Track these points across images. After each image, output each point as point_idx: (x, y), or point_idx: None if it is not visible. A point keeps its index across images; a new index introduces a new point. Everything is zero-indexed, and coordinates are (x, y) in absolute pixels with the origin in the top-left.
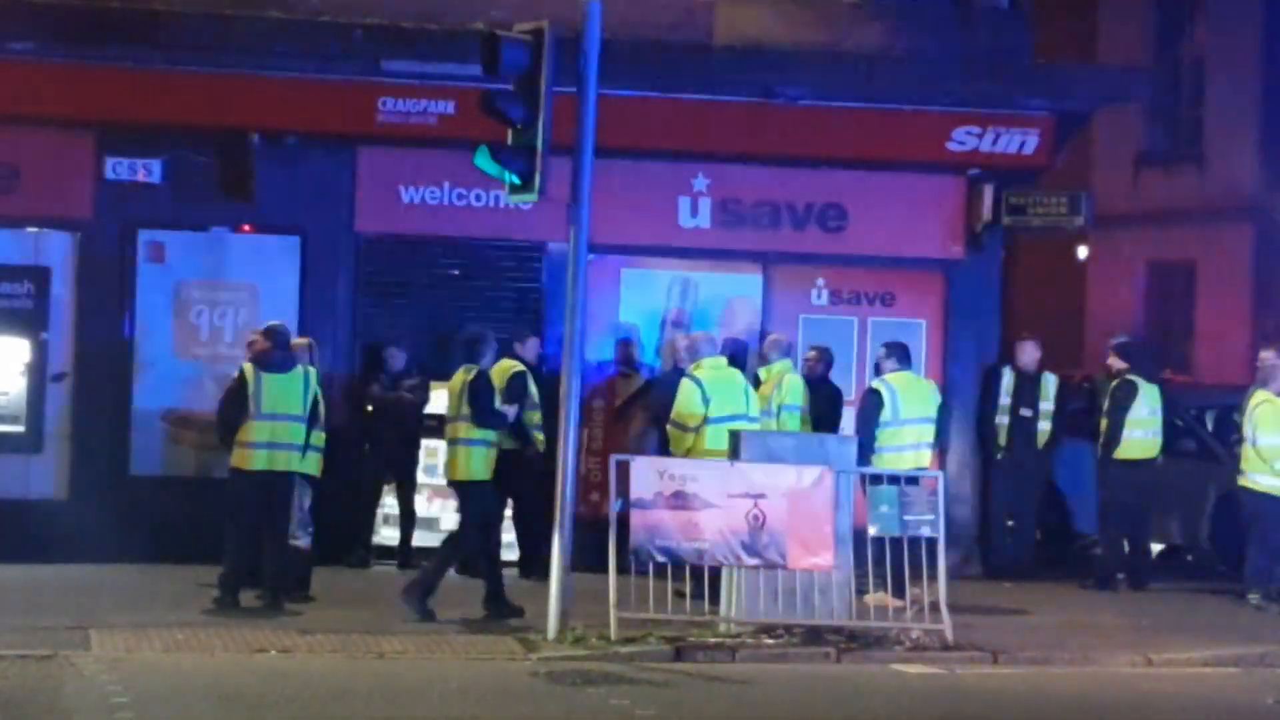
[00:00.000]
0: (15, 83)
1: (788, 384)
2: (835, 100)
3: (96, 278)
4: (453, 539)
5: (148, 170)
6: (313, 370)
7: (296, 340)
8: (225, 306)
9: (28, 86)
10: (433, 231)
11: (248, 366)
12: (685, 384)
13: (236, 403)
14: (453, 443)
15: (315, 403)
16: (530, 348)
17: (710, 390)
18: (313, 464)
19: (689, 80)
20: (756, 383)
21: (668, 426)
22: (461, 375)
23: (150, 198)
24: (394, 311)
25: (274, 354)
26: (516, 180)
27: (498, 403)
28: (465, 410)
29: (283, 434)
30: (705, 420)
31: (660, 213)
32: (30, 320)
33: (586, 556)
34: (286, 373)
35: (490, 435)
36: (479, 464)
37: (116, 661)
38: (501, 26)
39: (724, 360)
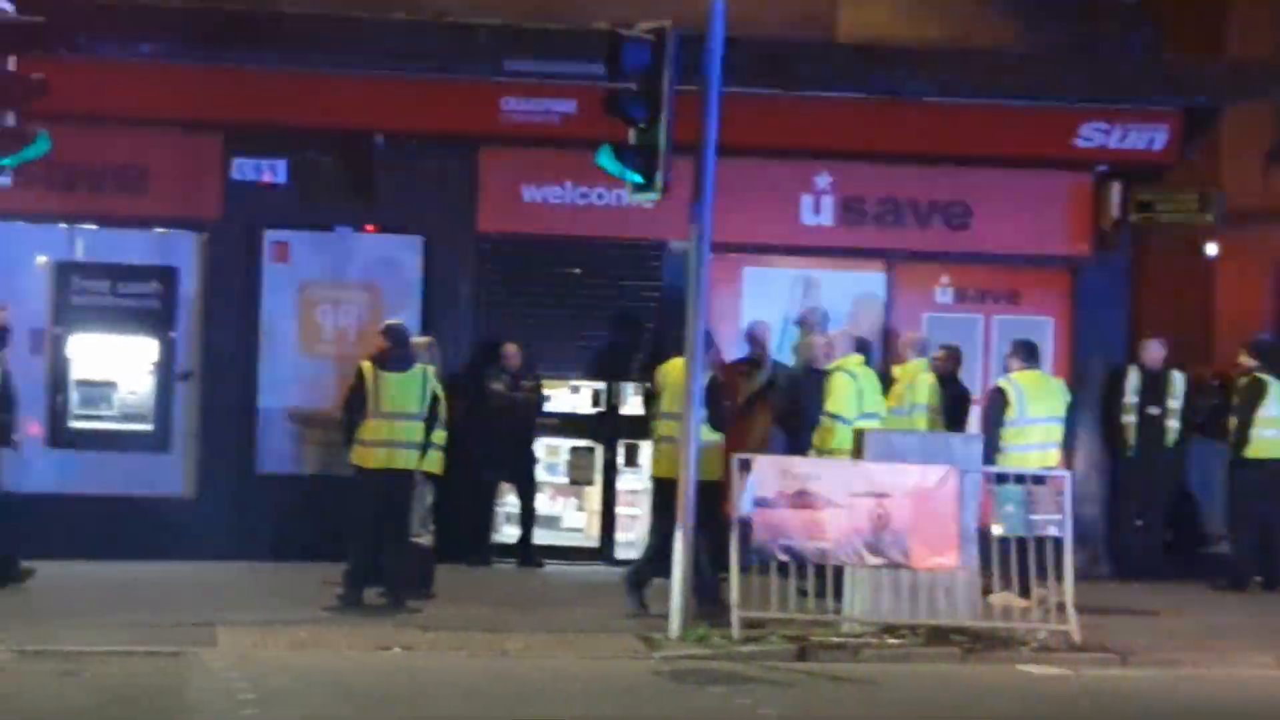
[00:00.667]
0: (144, 85)
1: (921, 383)
2: (959, 97)
3: (222, 277)
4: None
5: (273, 171)
6: (431, 369)
7: (418, 339)
8: (348, 306)
9: (156, 89)
10: (554, 231)
11: (366, 365)
12: (843, 378)
13: (356, 402)
14: (667, 440)
15: (436, 401)
16: None
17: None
18: (434, 462)
19: (812, 78)
20: (889, 381)
21: (822, 419)
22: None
23: (275, 198)
24: (515, 311)
25: (392, 353)
26: (639, 179)
27: None
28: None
29: (401, 432)
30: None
31: (783, 211)
32: (158, 320)
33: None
34: (404, 371)
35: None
36: (716, 464)
37: (242, 658)
38: (624, 25)
39: (862, 358)
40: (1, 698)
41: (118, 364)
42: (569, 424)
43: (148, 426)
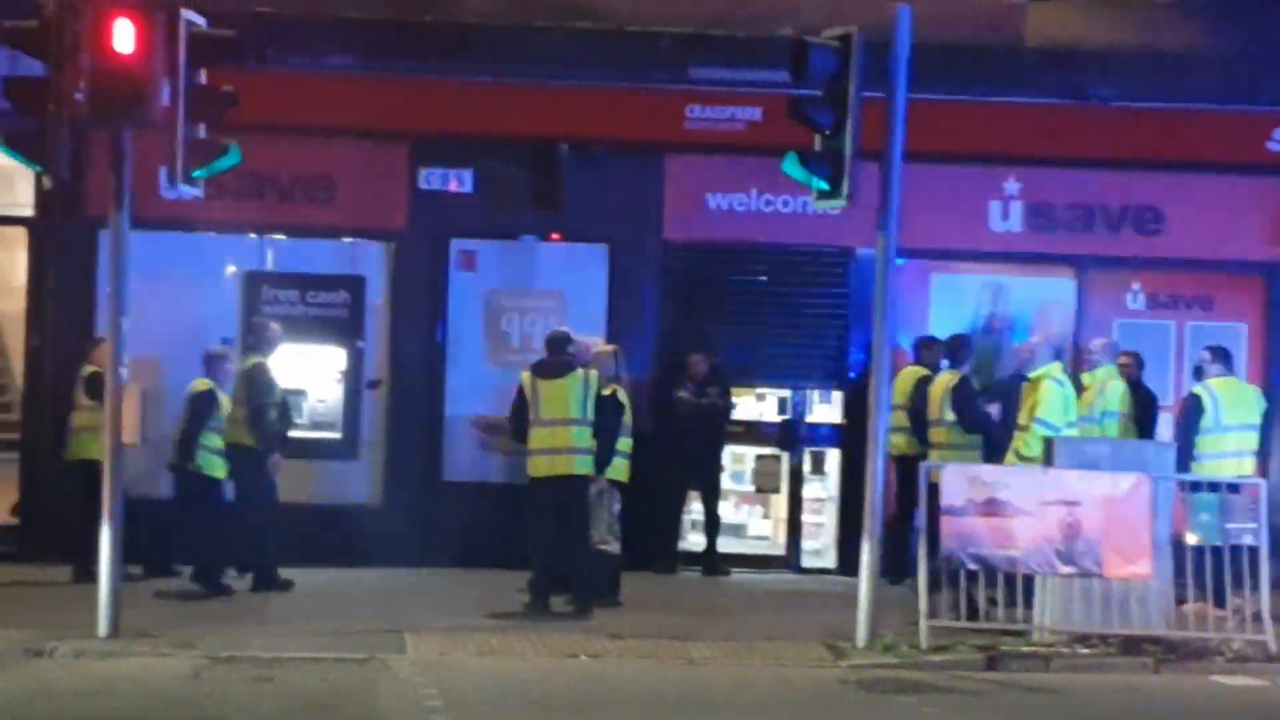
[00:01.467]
0: (332, 97)
1: (1111, 389)
2: (1149, 101)
3: (409, 286)
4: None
5: (459, 180)
6: (594, 374)
7: (602, 347)
8: (534, 314)
9: (344, 100)
10: (740, 238)
11: (525, 375)
12: (1051, 385)
13: (520, 411)
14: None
15: (617, 408)
16: None
17: None
18: (620, 470)
19: (999, 83)
20: (1079, 388)
21: (1033, 426)
22: (946, 379)
23: (462, 207)
24: (700, 318)
25: (549, 360)
26: (824, 186)
27: None
28: (949, 415)
29: (562, 438)
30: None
31: (970, 217)
32: (346, 329)
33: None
34: (562, 378)
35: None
36: None
37: (430, 665)
38: (809, 32)
39: (1063, 365)
40: (196, 704)
41: (307, 373)
42: (755, 432)
43: (336, 435)
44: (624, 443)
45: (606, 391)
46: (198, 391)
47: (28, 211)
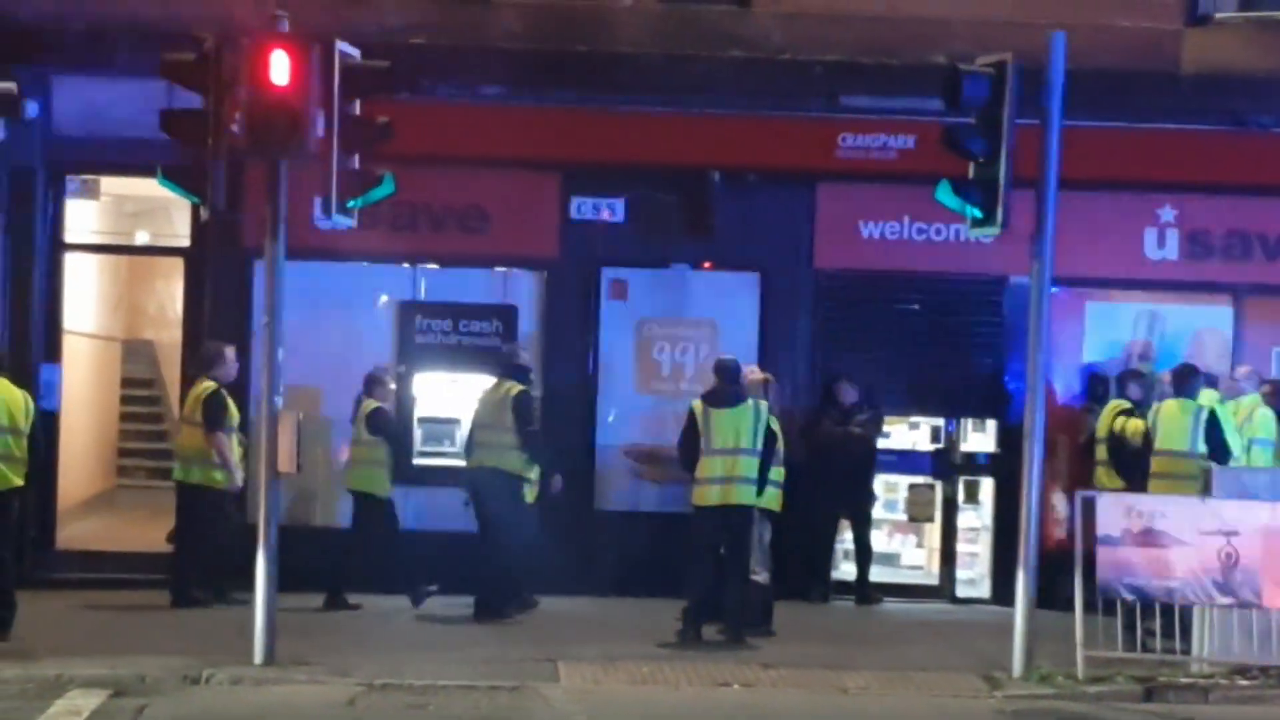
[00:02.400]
0: (485, 127)
1: (1259, 418)
2: None
3: (561, 315)
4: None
5: (611, 209)
6: (764, 404)
7: (755, 375)
8: (685, 343)
9: (496, 130)
10: (892, 266)
11: (697, 403)
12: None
13: (690, 440)
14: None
15: (773, 437)
16: None
17: None
18: (773, 499)
19: (1155, 110)
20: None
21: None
22: (1177, 408)
23: (613, 236)
24: (852, 346)
25: (722, 389)
26: (978, 214)
27: None
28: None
29: (735, 468)
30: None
31: (1125, 245)
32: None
33: (1048, 593)
34: (734, 407)
35: None
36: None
37: (584, 693)
38: (962, 59)
39: (1218, 394)
40: None
41: (459, 402)
42: (908, 460)
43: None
44: (776, 472)
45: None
46: (372, 409)
47: (184, 242)
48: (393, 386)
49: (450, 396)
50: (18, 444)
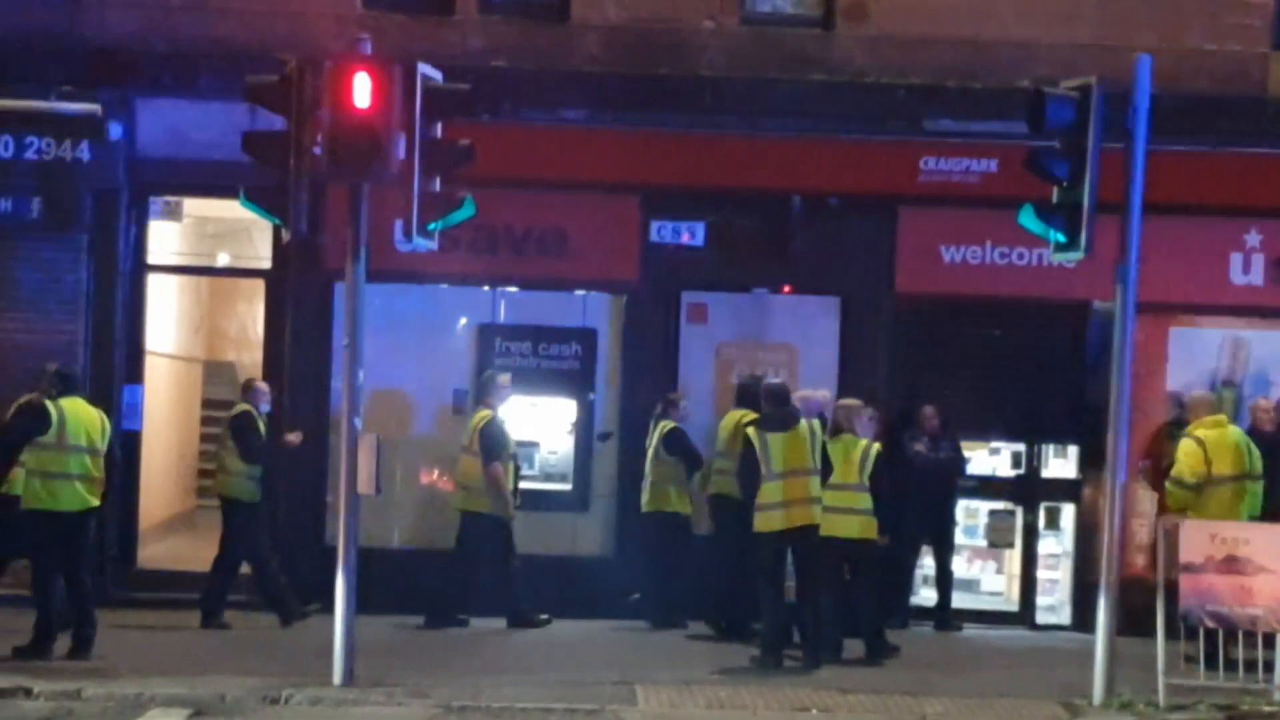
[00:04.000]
0: (567, 150)
1: None
2: None
3: (640, 339)
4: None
5: (691, 233)
6: (816, 423)
7: (847, 402)
8: (765, 367)
9: (577, 153)
10: (973, 291)
11: (751, 430)
12: None
13: (751, 466)
14: None
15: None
16: None
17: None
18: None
19: (1241, 134)
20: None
21: None
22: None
23: (693, 260)
24: (933, 371)
25: (774, 413)
26: (1062, 238)
27: None
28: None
29: (798, 490)
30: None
31: (1210, 270)
32: (577, 381)
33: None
34: (788, 430)
35: None
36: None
37: (661, 717)
38: (1046, 83)
39: None
40: None
41: (539, 424)
42: (988, 486)
43: (567, 486)
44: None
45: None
46: (669, 429)
47: (266, 264)
48: (685, 406)
49: (529, 419)
50: (95, 464)
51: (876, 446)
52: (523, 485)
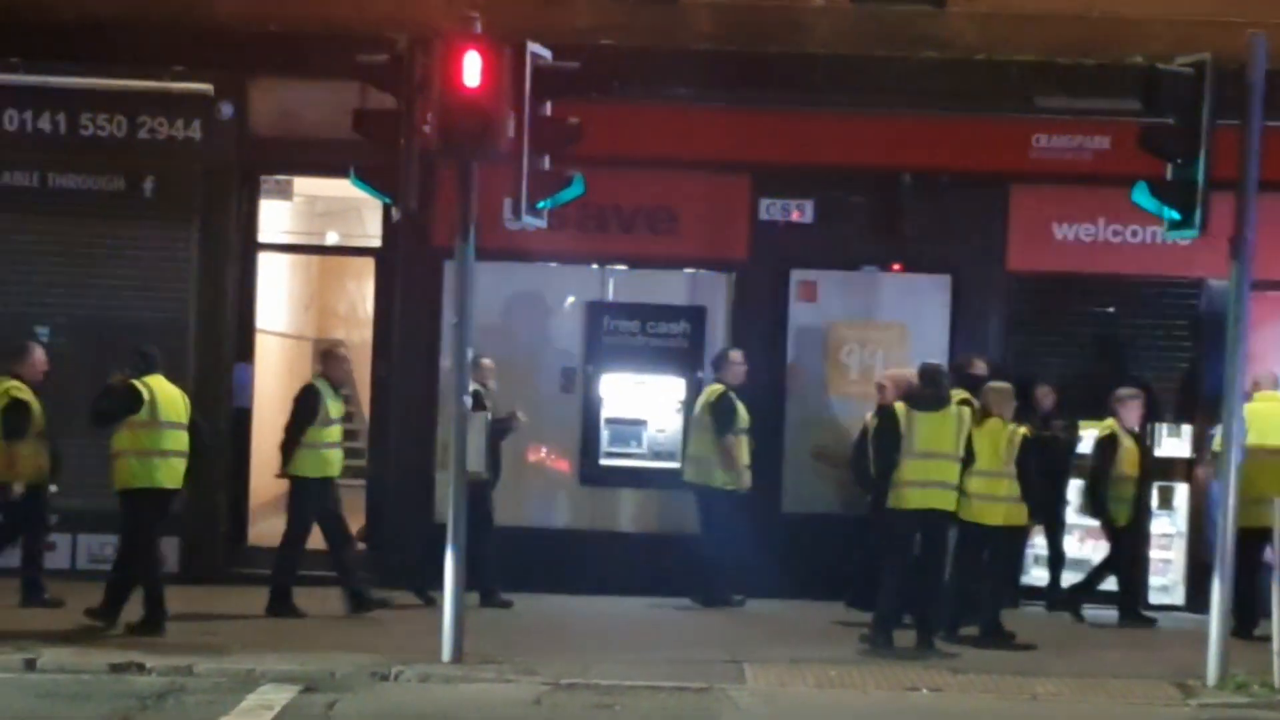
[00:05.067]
0: (676, 128)
1: None
2: None
3: (749, 317)
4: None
5: (801, 210)
6: (965, 410)
7: (996, 385)
8: (875, 345)
9: (686, 131)
10: (1085, 269)
11: (899, 405)
12: None
13: (890, 442)
14: None
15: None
16: None
17: None
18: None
19: None
20: None
21: None
22: None
23: (802, 238)
24: (1045, 350)
25: (925, 393)
26: (1176, 216)
27: None
28: None
29: (935, 472)
30: None
31: None
32: (686, 359)
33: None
34: (938, 411)
35: None
36: None
37: (770, 696)
38: (1160, 60)
39: None
40: None
41: (646, 403)
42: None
43: (675, 465)
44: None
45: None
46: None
47: (375, 243)
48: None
49: (637, 397)
50: (184, 439)
51: (1023, 430)
52: (630, 464)
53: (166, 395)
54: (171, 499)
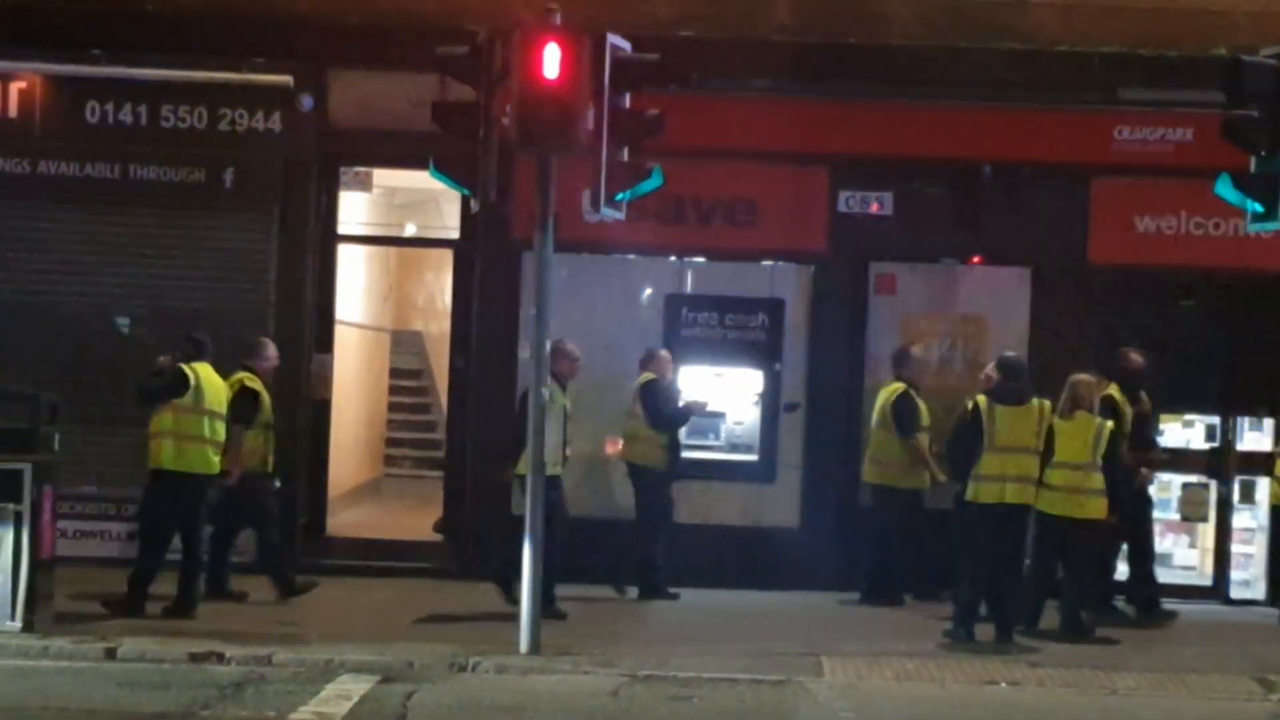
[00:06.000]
0: (754, 120)
1: None
2: None
3: (828, 310)
4: None
5: (880, 203)
6: (1047, 404)
7: (1084, 377)
8: (953, 338)
9: (766, 123)
10: (1168, 261)
11: (981, 398)
12: None
13: (969, 435)
14: None
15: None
16: None
17: None
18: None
19: None
20: None
21: None
22: None
23: (881, 230)
24: (1126, 343)
25: (1006, 386)
26: (1259, 208)
27: None
28: None
29: (1014, 466)
30: None
31: None
32: (764, 351)
33: None
34: (1019, 405)
35: None
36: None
37: (848, 688)
38: (1244, 51)
39: None
40: (615, 719)
41: (725, 395)
42: (1182, 459)
43: (753, 457)
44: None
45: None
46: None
47: (454, 235)
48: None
49: (715, 390)
50: (223, 429)
51: (1110, 425)
52: (709, 456)
53: (211, 383)
54: (206, 486)
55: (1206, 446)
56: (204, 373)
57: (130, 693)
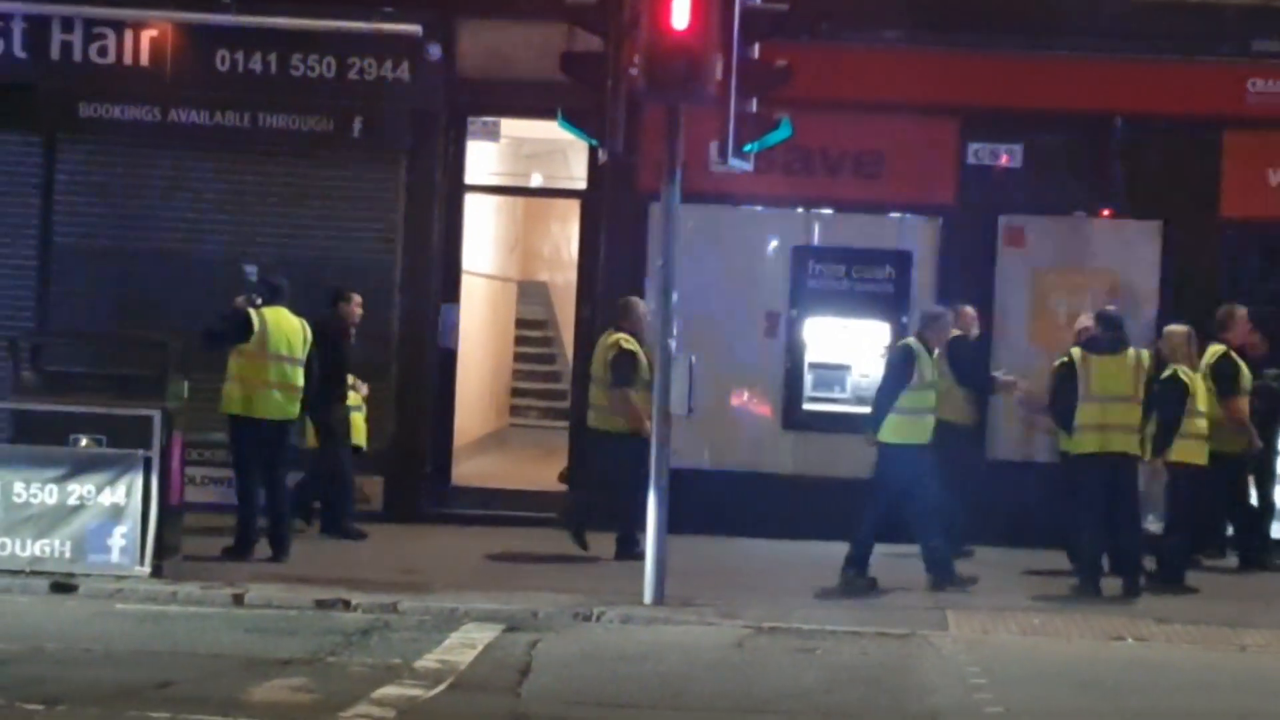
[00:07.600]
0: (882, 70)
1: None
2: None
3: (955, 263)
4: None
5: (1010, 155)
6: (1145, 353)
7: (1175, 329)
8: (1083, 293)
9: (894, 74)
10: None
11: (1076, 350)
12: None
13: (1066, 386)
14: None
15: (1182, 389)
16: None
17: None
18: (1194, 452)
19: None
20: None
21: None
22: None
23: (1010, 183)
24: (1260, 297)
25: (1101, 336)
26: None
27: None
28: None
29: (1113, 415)
30: None
31: None
32: (890, 304)
33: None
34: (1114, 354)
35: None
36: None
37: (973, 643)
38: None
39: None
40: (740, 671)
41: (851, 348)
42: None
43: None
44: (1196, 424)
45: (1167, 373)
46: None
47: (580, 185)
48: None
49: (841, 342)
50: (295, 373)
51: (1199, 376)
52: (834, 408)
53: (280, 328)
54: (276, 432)
55: None
56: (275, 317)
57: (258, 638)
